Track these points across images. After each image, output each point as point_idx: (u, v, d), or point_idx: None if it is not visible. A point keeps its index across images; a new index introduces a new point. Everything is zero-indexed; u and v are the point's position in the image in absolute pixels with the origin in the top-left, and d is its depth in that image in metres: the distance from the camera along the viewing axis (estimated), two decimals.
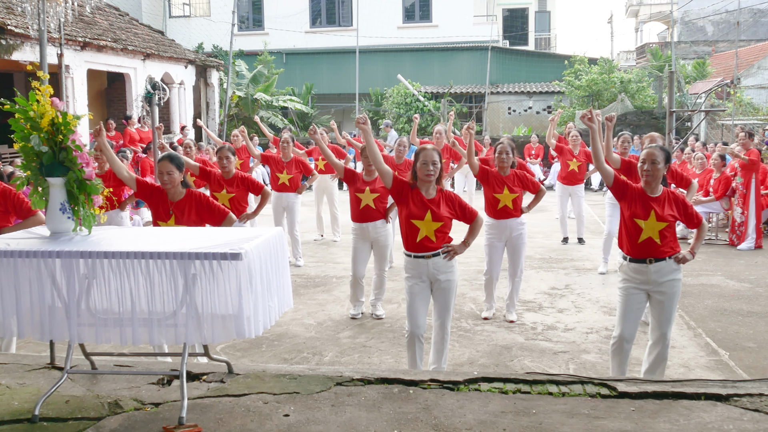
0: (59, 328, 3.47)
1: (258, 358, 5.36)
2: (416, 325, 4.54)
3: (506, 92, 23.09)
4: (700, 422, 3.29)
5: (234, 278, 3.32)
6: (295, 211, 8.80)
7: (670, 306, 4.31)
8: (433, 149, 4.43)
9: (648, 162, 4.27)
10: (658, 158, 4.27)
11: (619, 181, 4.38)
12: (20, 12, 8.62)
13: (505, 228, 6.30)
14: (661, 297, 4.30)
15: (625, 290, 4.37)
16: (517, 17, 31.66)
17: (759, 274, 8.06)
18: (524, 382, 3.82)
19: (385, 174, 4.50)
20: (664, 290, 4.29)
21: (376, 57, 24.10)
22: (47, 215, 3.79)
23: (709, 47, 28.14)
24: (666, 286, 4.28)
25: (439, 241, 4.48)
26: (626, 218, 4.34)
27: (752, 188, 9.56)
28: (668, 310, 4.31)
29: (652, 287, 4.30)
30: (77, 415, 3.44)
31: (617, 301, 4.48)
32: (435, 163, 4.39)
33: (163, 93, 11.84)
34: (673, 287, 4.30)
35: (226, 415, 3.42)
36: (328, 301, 7.05)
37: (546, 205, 14.02)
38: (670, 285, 4.29)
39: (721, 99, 18.54)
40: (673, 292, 4.30)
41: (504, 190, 6.20)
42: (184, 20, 26.30)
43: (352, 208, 6.38)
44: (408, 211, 4.46)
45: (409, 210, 4.45)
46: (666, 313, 4.31)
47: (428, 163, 4.38)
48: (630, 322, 4.36)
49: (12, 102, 3.66)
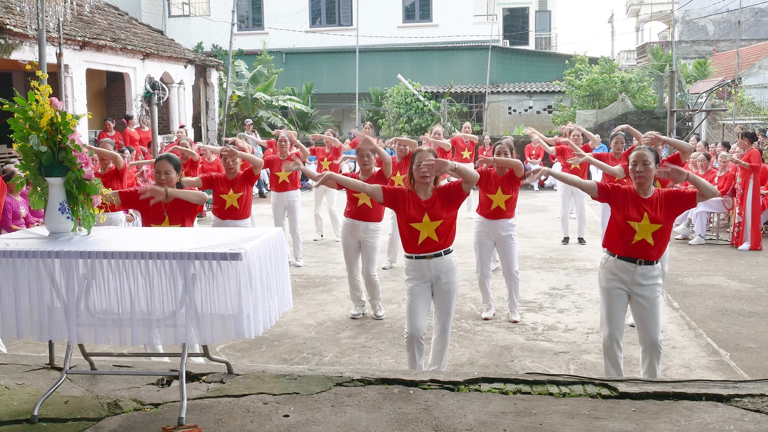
0: (58, 329, 3.46)
1: (258, 359, 5.35)
2: (416, 328, 4.50)
3: (506, 92, 23.08)
4: (701, 423, 3.28)
5: (234, 278, 3.31)
6: (297, 209, 8.79)
7: (654, 311, 4.27)
8: (428, 151, 4.41)
9: (639, 163, 4.25)
10: (649, 159, 4.25)
11: (603, 189, 4.36)
12: (19, 11, 8.61)
13: (495, 227, 6.29)
14: (642, 301, 4.26)
15: (608, 291, 4.33)
16: (518, 17, 31.66)
17: (760, 275, 8.05)
18: (525, 382, 3.81)
19: (374, 192, 4.52)
20: (645, 294, 4.25)
21: (376, 57, 24.08)
22: (46, 215, 3.78)
23: (710, 47, 28.12)
24: (648, 289, 4.26)
25: (442, 238, 4.46)
26: (618, 220, 4.31)
27: (749, 189, 9.55)
28: (653, 316, 4.27)
29: (635, 289, 4.27)
30: (76, 415, 3.43)
31: (601, 302, 4.44)
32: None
33: (162, 93, 11.83)
34: (655, 291, 4.27)
35: (225, 416, 3.41)
36: (328, 301, 7.04)
37: (546, 205, 14.03)
38: (651, 289, 4.26)
39: (722, 99, 18.53)
40: (654, 296, 4.27)
41: (497, 191, 6.19)
42: (183, 20, 26.28)
43: (349, 204, 6.37)
44: (406, 215, 4.44)
45: (407, 214, 4.43)
46: (651, 319, 4.27)
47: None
48: (616, 321, 4.34)
49: (11, 102, 3.65)
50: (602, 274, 4.40)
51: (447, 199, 4.43)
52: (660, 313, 4.35)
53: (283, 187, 8.70)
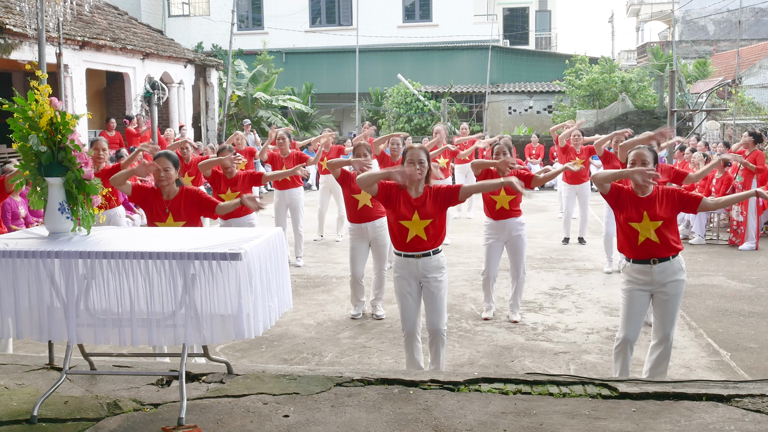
0: (58, 329, 3.46)
1: (258, 359, 5.34)
2: (411, 323, 4.53)
3: (507, 92, 23.07)
4: (701, 423, 3.27)
5: (233, 278, 3.31)
6: (299, 207, 8.76)
7: (673, 306, 4.29)
8: (419, 148, 4.41)
9: (639, 163, 4.25)
10: (648, 158, 4.25)
11: (615, 186, 4.35)
12: (19, 11, 8.60)
13: (504, 228, 6.27)
14: (664, 297, 4.28)
15: (628, 292, 4.34)
16: (518, 16, 31.65)
17: (761, 275, 8.05)
18: (525, 382, 3.81)
19: (371, 183, 4.50)
20: (667, 291, 4.27)
21: (376, 56, 24.07)
22: (46, 215, 3.77)
23: (710, 46, 28.10)
24: (670, 286, 4.26)
25: (431, 238, 4.44)
26: (621, 223, 4.32)
27: (752, 189, 9.54)
28: (672, 311, 4.29)
29: (656, 288, 4.28)
30: (76, 415, 3.43)
31: (621, 303, 4.45)
32: (422, 163, 4.36)
33: (162, 92, 11.85)
34: (677, 287, 4.28)
35: (225, 416, 3.40)
36: (328, 302, 7.03)
37: (546, 205, 14.02)
38: (674, 285, 4.27)
39: (722, 98, 18.53)
40: (676, 292, 4.28)
41: (500, 192, 6.18)
42: (183, 19, 26.28)
43: (349, 210, 6.37)
44: (396, 212, 4.44)
45: (398, 212, 4.43)
46: (669, 313, 4.29)
47: (415, 162, 4.36)
48: (634, 324, 4.34)
49: (10, 101, 3.65)
50: (623, 277, 4.43)
51: (439, 200, 4.41)
52: (678, 308, 4.36)
53: (284, 185, 8.66)
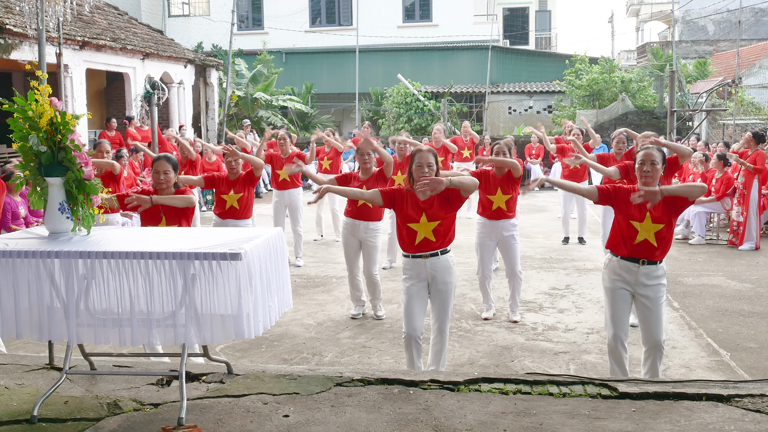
0: (58, 329, 3.46)
1: (258, 359, 5.35)
2: (413, 328, 4.49)
3: (506, 92, 23.06)
4: (701, 423, 3.27)
5: (233, 278, 3.31)
6: (299, 208, 8.77)
7: (657, 311, 4.27)
8: (428, 151, 4.41)
9: (647, 163, 4.24)
10: (657, 158, 4.25)
11: (603, 192, 4.33)
12: (19, 11, 8.60)
13: (496, 228, 6.28)
14: (646, 301, 4.26)
15: (612, 291, 4.33)
16: (518, 16, 31.65)
17: (760, 275, 8.05)
18: (525, 382, 3.81)
19: (373, 197, 4.54)
20: (648, 294, 4.25)
21: (376, 56, 24.07)
22: (46, 215, 3.77)
23: (710, 46, 28.10)
24: (651, 289, 4.25)
25: (439, 239, 4.45)
26: (621, 221, 4.31)
27: (753, 189, 9.55)
28: (656, 316, 4.27)
29: (638, 289, 4.27)
30: (76, 415, 3.43)
31: (605, 302, 4.44)
32: (430, 165, 4.36)
33: (162, 92, 11.84)
34: (658, 291, 4.27)
35: (225, 416, 3.40)
36: (328, 302, 7.03)
37: (546, 205, 14.03)
38: (655, 289, 4.26)
39: (722, 98, 18.52)
40: (658, 296, 4.27)
41: (497, 192, 6.18)
42: (183, 19, 26.27)
43: (348, 204, 6.36)
44: (404, 215, 4.44)
45: (405, 214, 4.43)
46: (654, 319, 4.27)
47: (423, 165, 4.35)
48: (621, 321, 4.33)
49: (10, 101, 3.65)
50: (606, 274, 4.40)
51: (446, 201, 4.42)
52: (663, 313, 4.34)
53: (284, 185, 8.67)
